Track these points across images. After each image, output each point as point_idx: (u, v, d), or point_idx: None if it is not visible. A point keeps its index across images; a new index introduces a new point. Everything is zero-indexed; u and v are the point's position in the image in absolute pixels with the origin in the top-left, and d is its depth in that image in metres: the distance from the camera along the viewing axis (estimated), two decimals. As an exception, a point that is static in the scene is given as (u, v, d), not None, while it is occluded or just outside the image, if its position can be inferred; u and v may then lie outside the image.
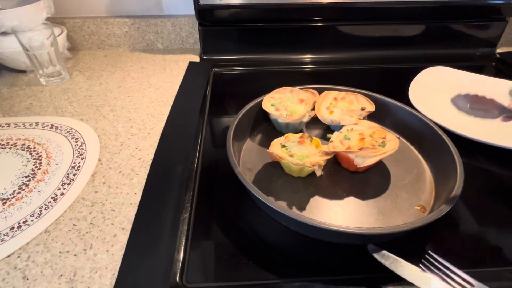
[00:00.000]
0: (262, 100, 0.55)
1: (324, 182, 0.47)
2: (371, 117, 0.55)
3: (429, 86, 0.67)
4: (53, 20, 0.80)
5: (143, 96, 0.67)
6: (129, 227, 0.40)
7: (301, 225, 0.38)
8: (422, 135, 0.51)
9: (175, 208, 0.42)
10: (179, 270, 0.36)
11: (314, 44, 0.81)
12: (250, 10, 0.75)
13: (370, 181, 0.47)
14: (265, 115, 0.55)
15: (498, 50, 0.86)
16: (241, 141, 0.52)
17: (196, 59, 0.83)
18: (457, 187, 0.40)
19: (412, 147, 0.53)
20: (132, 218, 0.42)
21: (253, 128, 0.55)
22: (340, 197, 0.44)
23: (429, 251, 0.35)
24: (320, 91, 0.57)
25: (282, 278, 0.36)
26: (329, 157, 0.45)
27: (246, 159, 0.50)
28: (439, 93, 0.66)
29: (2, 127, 0.57)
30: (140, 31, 0.85)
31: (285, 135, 0.48)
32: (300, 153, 0.45)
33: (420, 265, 0.34)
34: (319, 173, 0.43)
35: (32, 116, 0.61)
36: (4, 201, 0.44)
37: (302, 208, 0.43)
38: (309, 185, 0.46)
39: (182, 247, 0.38)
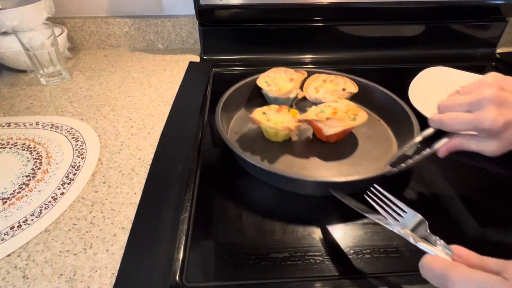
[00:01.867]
0: (258, 77, 0.62)
1: (297, 147, 0.53)
2: (355, 98, 0.59)
3: (429, 86, 0.67)
4: (54, 20, 0.80)
5: (143, 96, 0.67)
6: (129, 226, 0.40)
7: (267, 174, 0.45)
8: (397, 117, 0.55)
9: (175, 208, 0.42)
10: (178, 270, 0.36)
11: (314, 44, 0.81)
12: (250, 10, 0.76)
13: (338, 150, 0.52)
14: (260, 91, 0.62)
15: (498, 50, 0.86)
16: (235, 111, 0.60)
17: (196, 59, 0.83)
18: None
19: (388, 128, 0.57)
20: (132, 217, 0.42)
21: (248, 101, 0.63)
22: (306, 157, 0.50)
23: (374, 184, 0.38)
24: (314, 73, 0.64)
25: (282, 278, 0.36)
26: (300, 124, 0.50)
27: (235, 124, 0.58)
28: (439, 93, 0.66)
29: (3, 126, 0.58)
30: (140, 31, 0.85)
31: (268, 106, 0.54)
32: (276, 119, 0.51)
33: (365, 195, 0.37)
34: (294, 137, 0.50)
35: (33, 115, 0.61)
36: (4, 200, 0.44)
37: (272, 162, 0.49)
38: (283, 148, 0.52)
39: (182, 247, 0.38)
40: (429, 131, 0.42)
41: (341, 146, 0.52)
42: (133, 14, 0.85)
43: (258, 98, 0.63)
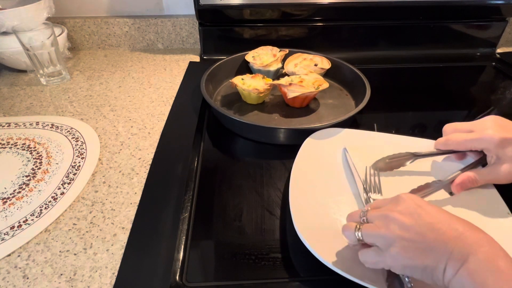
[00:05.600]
0: (247, 53, 0.71)
1: (266, 108, 0.62)
2: (331, 76, 0.69)
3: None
4: (54, 20, 0.80)
5: (143, 96, 0.67)
6: (129, 226, 0.41)
7: (237, 124, 0.55)
8: (360, 92, 0.61)
9: (175, 208, 0.42)
10: (179, 270, 0.36)
11: (315, 44, 0.81)
12: (250, 10, 0.76)
13: (300, 112, 0.61)
14: (248, 65, 0.71)
15: (498, 50, 0.86)
16: (224, 79, 0.69)
17: (196, 59, 0.83)
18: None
19: (353, 101, 0.64)
20: (132, 217, 0.42)
21: (237, 73, 0.71)
22: (272, 115, 0.60)
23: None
24: (297, 53, 0.71)
25: (282, 278, 0.36)
26: (267, 87, 0.59)
27: (222, 89, 0.68)
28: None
29: (3, 126, 0.58)
30: (141, 31, 0.85)
31: (247, 74, 0.63)
32: (249, 83, 0.60)
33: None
34: (261, 95, 0.59)
35: (33, 115, 0.61)
36: (5, 200, 0.44)
37: (241, 115, 0.59)
38: (255, 108, 0.62)
39: (182, 247, 0.38)
40: (422, 151, 0.45)
41: (304, 110, 0.62)
42: (133, 14, 0.85)
43: (246, 71, 0.71)
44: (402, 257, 0.29)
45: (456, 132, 0.43)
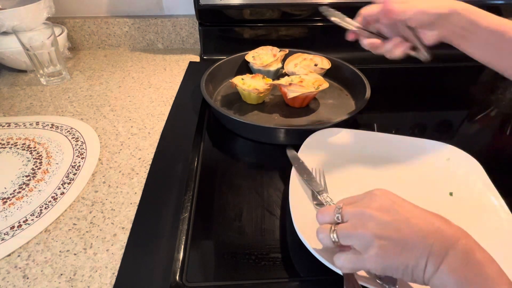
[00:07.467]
0: (247, 53, 0.71)
1: (266, 108, 0.62)
2: (331, 76, 0.69)
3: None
4: (54, 20, 0.80)
5: (143, 96, 0.67)
6: (129, 226, 0.41)
7: (237, 124, 0.55)
8: (360, 92, 0.61)
9: (175, 208, 0.42)
10: (179, 269, 0.36)
11: (315, 44, 0.81)
12: (250, 10, 0.76)
13: (300, 112, 0.61)
14: (248, 65, 0.71)
15: (498, 50, 0.86)
16: (224, 79, 0.69)
17: (196, 59, 0.83)
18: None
19: (353, 101, 0.64)
20: (132, 217, 0.42)
21: (237, 73, 0.71)
22: (271, 115, 0.60)
23: None
24: (297, 53, 0.71)
25: (282, 278, 0.36)
26: (268, 87, 0.59)
27: (222, 89, 0.68)
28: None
29: (3, 126, 0.58)
30: (140, 31, 0.85)
31: (247, 74, 0.63)
32: (249, 83, 0.60)
33: None
34: (261, 95, 0.59)
35: (33, 115, 0.61)
36: (5, 200, 0.44)
37: (242, 115, 0.59)
38: (255, 108, 0.62)
39: (182, 247, 0.38)
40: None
41: (304, 110, 0.62)
42: (133, 14, 0.85)
43: (246, 71, 0.71)
44: (381, 258, 0.28)
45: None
